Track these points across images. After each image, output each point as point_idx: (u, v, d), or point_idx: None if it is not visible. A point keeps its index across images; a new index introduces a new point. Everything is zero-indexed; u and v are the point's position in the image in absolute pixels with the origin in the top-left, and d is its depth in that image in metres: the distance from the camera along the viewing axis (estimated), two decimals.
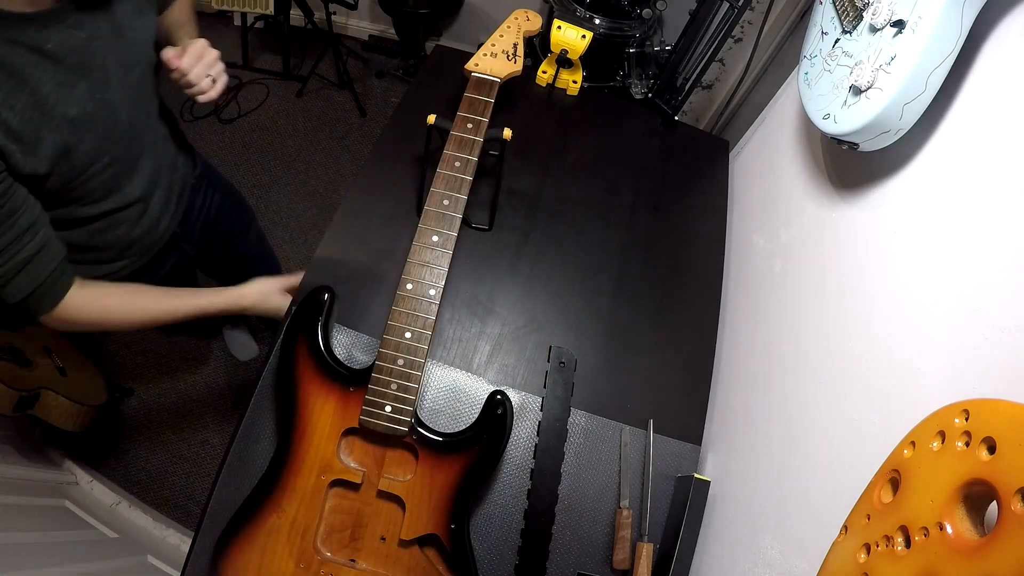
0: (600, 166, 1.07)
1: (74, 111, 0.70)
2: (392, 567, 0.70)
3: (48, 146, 0.68)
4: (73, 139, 0.71)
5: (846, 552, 0.43)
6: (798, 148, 0.87)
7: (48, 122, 0.67)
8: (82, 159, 0.74)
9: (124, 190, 0.85)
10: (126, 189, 0.86)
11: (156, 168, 0.91)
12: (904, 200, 0.60)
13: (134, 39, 0.77)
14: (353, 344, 0.83)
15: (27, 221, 0.69)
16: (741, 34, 1.74)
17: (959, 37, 0.50)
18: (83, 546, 1.29)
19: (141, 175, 0.88)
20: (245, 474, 0.75)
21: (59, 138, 0.69)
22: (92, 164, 0.76)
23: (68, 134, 0.70)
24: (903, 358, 0.53)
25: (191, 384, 1.83)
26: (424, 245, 0.74)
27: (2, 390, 1.31)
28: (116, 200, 0.85)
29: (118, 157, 0.81)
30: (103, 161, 0.78)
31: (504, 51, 0.92)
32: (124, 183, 0.85)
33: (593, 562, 0.77)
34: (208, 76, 0.83)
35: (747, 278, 0.95)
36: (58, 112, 0.68)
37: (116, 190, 0.84)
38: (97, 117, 0.73)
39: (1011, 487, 0.31)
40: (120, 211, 0.87)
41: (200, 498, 1.67)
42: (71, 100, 0.69)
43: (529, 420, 0.82)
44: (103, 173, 0.79)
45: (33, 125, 0.66)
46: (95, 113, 0.73)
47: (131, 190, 0.87)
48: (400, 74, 2.60)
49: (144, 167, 0.88)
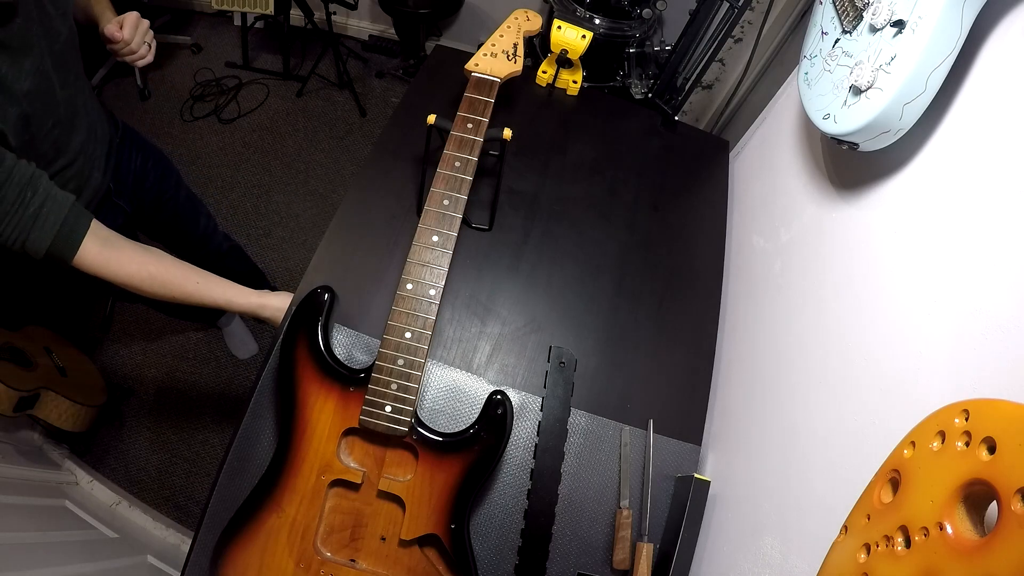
0: (600, 166, 1.07)
1: (27, 85, 0.79)
2: (392, 567, 0.70)
3: (12, 117, 0.77)
4: (30, 109, 0.81)
5: (846, 552, 0.43)
6: (798, 148, 0.87)
7: (10, 98, 0.77)
8: (37, 124, 0.83)
9: (69, 148, 0.94)
10: (70, 147, 0.95)
11: (88, 125, 1.00)
12: (904, 200, 0.60)
13: (54, 13, 0.85)
14: (353, 344, 0.83)
15: (23, 176, 0.73)
16: (741, 34, 1.74)
17: (959, 37, 0.50)
18: (83, 546, 1.29)
19: (79, 132, 0.97)
20: (245, 474, 0.75)
21: (20, 110, 0.78)
22: (42, 128, 0.85)
23: (27, 105, 0.79)
24: (903, 358, 0.53)
25: (191, 384, 1.83)
26: (424, 245, 0.74)
27: (2, 390, 1.31)
28: (65, 158, 0.94)
29: (59, 119, 0.90)
30: (48, 124, 0.87)
31: (504, 51, 0.92)
32: (68, 141, 0.94)
33: (593, 562, 0.77)
34: (144, 43, 0.96)
35: (747, 278, 0.95)
36: (17, 89, 0.77)
37: (63, 149, 0.93)
38: (41, 86, 0.82)
39: (1011, 487, 0.31)
40: (67, 168, 0.95)
41: (200, 498, 1.67)
42: (22, 76, 0.78)
43: (529, 420, 0.82)
44: (51, 134, 0.88)
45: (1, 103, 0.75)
46: (40, 83, 0.82)
47: (73, 147, 0.95)
48: (400, 74, 2.60)
49: (80, 125, 0.97)
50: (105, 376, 1.71)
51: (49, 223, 0.75)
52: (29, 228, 0.74)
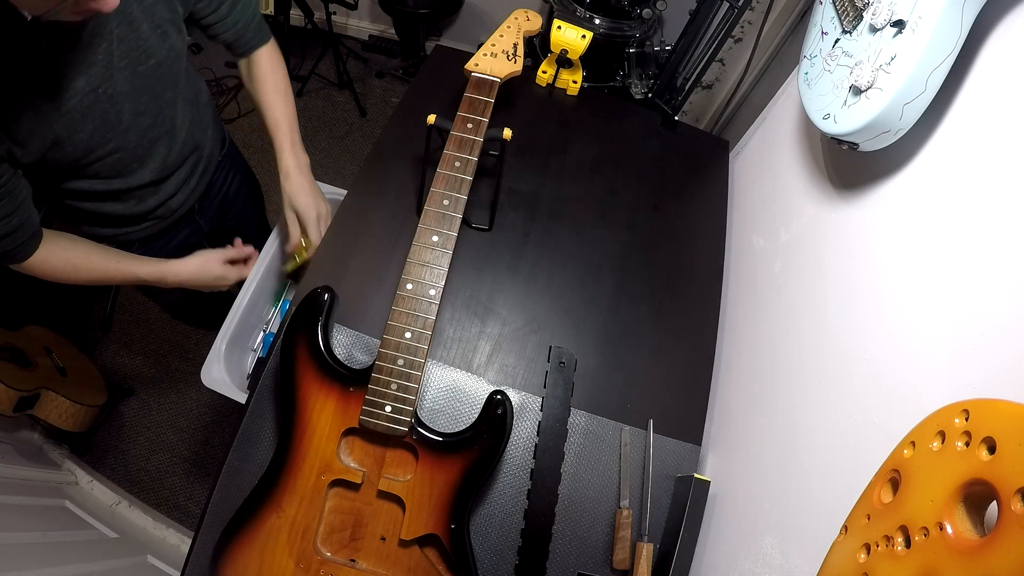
0: (600, 166, 1.07)
1: (69, 104, 0.71)
2: (392, 567, 0.70)
3: (39, 138, 0.70)
4: (65, 132, 0.72)
5: (846, 552, 0.43)
6: (798, 148, 0.87)
7: (39, 115, 0.69)
8: (77, 148, 0.76)
9: (134, 174, 0.88)
10: (137, 174, 0.89)
11: (172, 154, 0.93)
12: (904, 200, 0.60)
13: (149, 32, 0.77)
14: (353, 344, 0.83)
15: (7, 209, 0.72)
16: (741, 34, 1.74)
17: (959, 37, 0.50)
18: (83, 546, 1.29)
19: (154, 161, 0.90)
20: (245, 474, 0.75)
21: (49, 130, 0.71)
22: (92, 152, 0.78)
23: (60, 127, 0.71)
24: (903, 358, 0.53)
25: (191, 384, 1.83)
26: (424, 245, 0.74)
27: (2, 390, 1.32)
28: (125, 181, 0.88)
29: (123, 146, 0.82)
30: (105, 149, 0.80)
31: (504, 51, 0.92)
32: (134, 168, 0.88)
33: (593, 562, 0.77)
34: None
35: (747, 278, 0.95)
36: (51, 107, 0.69)
37: (124, 173, 0.87)
38: (96, 110, 0.74)
39: (1011, 487, 0.31)
40: (130, 191, 0.90)
41: (200, 498, 1.67)
42: (66, 95, 0.70)
43: (529, 420, 0.82)
44: (107, 158, 0.82)
45: (25, 117, 0.68)
46: (93, 106, 0.74)
47: (141, 175, 0.89)
48: (400, 74, 2.60)
49: (157, 154, 0.90)
50: (105, 376, 1.72)
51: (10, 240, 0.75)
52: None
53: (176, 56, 0.84)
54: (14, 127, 0.68)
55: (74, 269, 0.85)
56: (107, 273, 0.89)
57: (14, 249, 0.78)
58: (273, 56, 1.01)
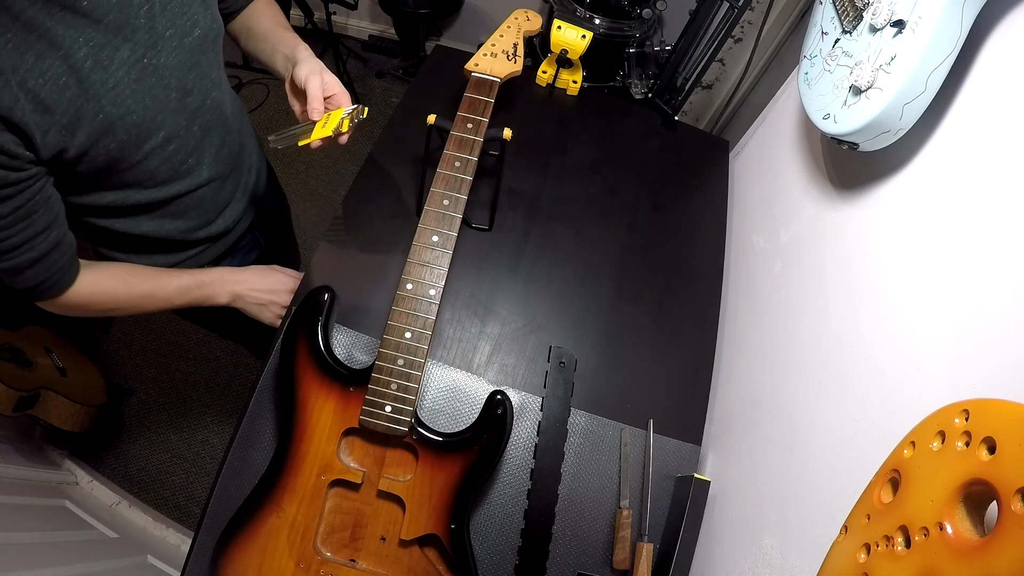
0: (600, 166, 1.07)
1: (116, 78, 0.62)
2: (392, 567, 0.70)
3: (88, 119, 0.61)
4: (116, 111, 0.63)
5: (846, 552, 0.43)
6: (798, 148, 0.87)
7: (86, 91, 0.59)
8: (130, 134, 0.66)
9: (192, 173, 0.78)
10: (194, 172, 0.78)
11: (225, 147, 0.83)
12: (904, 200, 0.60)
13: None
14: (353, 344, 0.83)
15: (43, 223, 0.64)
16: (741, 34, 1.74)
17: (959, 37, 0.50)
18: (83, 546, 1.30)
19: (209, 154, 0.79)
20: (245, 474, 0.75)
21: (98, 108, 0.61)
22: (146, 140, 0.69)
23: (110, 105, 0.62)
24: (903, 358, 0.53)
25: (191, 384, 1.83)
26: (424, 245, 0.74)
27: (2, 390, 1.32)
28: (185, 183, 0.78)
29: (175, 132, 0.73)
30: (158, 136, 0.70)
31: (504, 51, 0.92)
32: (190, 164, 0.77)
33: (593, 562, 0.77)
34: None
35: (747, 278, 0.95)
36: (96, 79, 0.60)
37: (182, 172, 0.77)
38: (143, 84, 0.65)
39: (1011, 487, 0.31)
40: (190, 194, 0.80)
41: (200, 498, 1.67)
42: (112, 65, 0.61)
43: (529, 420, 0.82)
44: (162, 151, 0.72)
45: (68, 94, 0.58)
46: (141, 80, 0.65)
47: (199, 173, 0.79)
48: (400, 74, 2.60)
49: (210, 145, 0.80)
50: (105, 376, 1.71)
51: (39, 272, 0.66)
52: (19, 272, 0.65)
53: (219, 28, 0.75)
54: (58, 105, 0.58)
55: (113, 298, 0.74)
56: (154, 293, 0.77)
57: (53, 276, 0.67)
58: (271, 1, 0.91)
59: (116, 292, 0.75)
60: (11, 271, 0.65)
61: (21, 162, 0.58)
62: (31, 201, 0.62)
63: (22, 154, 0.58)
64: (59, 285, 0.69)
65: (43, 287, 0.68)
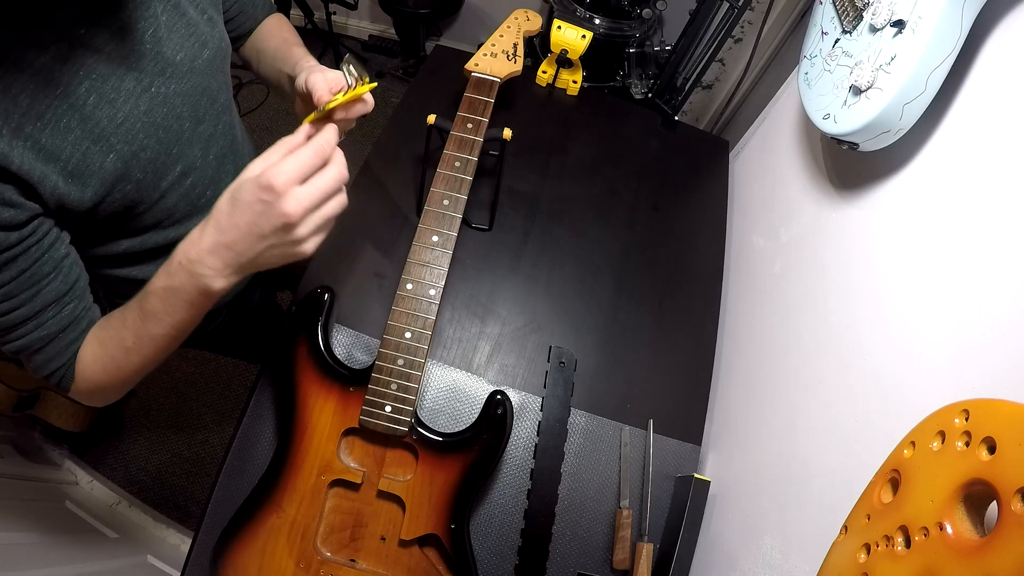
0: (600, 166, 1.07)
1: (124, 112, 0.56)
2: (392, 567, 0.70)
3: (98, 161, 0.54)
4: (128, 148, 0.56)
5: (846, 552, 0.43)
6: (798, 148, 0.87)
7: (92, 130, 0.53)
8: (147, 171, 0.59)
9: (210, 205, 0.59)
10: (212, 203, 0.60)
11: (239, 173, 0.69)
12: (904, 200, 0.60)
13: (197, 17, 0.64)
14: (353, 344, 0.83)
15: (55, 292, 0.54)
16: (741, 34, 1.74)
17: (959, 37, 0.50)
18: (83, 546, 1.29)
19: (225, 183, 0.62)
20: (245, 474, 0.75)
21: (108, 148, 0.55)
22: (163, 176, 0.62)
23: (121, 143, 0.56)
24: (903, 358, 0.53)
25: (191, 384, 1.83)
26: (424, 245, 0.74)
27: (2, 390, 1.31)
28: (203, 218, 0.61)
29: (192, 164, 0.66)
30: (175, 171, 0.64)
31: (504, 51, 0.92)
32: (208, 195, 0.69)
33: (593, 562, 0.77)
34: None
35: (747, 278, 0.95)
36: (103, 116, 0.54)
37: (200, 206, 0.69)
38: (154, 116, 0.59)
39: (1011, 487, 0.31)
40: None
41: (200, 498, 1.67)
42: (119, 99, 0.55)
43: (529, 420, 0.82)
44: (180, 186, 0.65)
45: (72, 136, 0.52)
46: (151, 111, 0.58)
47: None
48: (400, 74, 2.60)
49: (226, 173, 0.73)
50: None
51: (54, 353, 0.57)
52: (31, 353, 0.56)
53: (227, 47, 0.70)
54: (61, 150, 0.51)
55: (114, 361, 0.60)
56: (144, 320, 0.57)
57: (69, 361, 0.57)
58: (282, 19, 0.88)
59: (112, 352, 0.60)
60: (23, 351, 0.56)
61: (21, 212, 0.50)
62: (37, 261, 0.52)
63: (25, 204, 0.50)
64: (73, 372, 0.58)
65: (56, 376, 0.58)
